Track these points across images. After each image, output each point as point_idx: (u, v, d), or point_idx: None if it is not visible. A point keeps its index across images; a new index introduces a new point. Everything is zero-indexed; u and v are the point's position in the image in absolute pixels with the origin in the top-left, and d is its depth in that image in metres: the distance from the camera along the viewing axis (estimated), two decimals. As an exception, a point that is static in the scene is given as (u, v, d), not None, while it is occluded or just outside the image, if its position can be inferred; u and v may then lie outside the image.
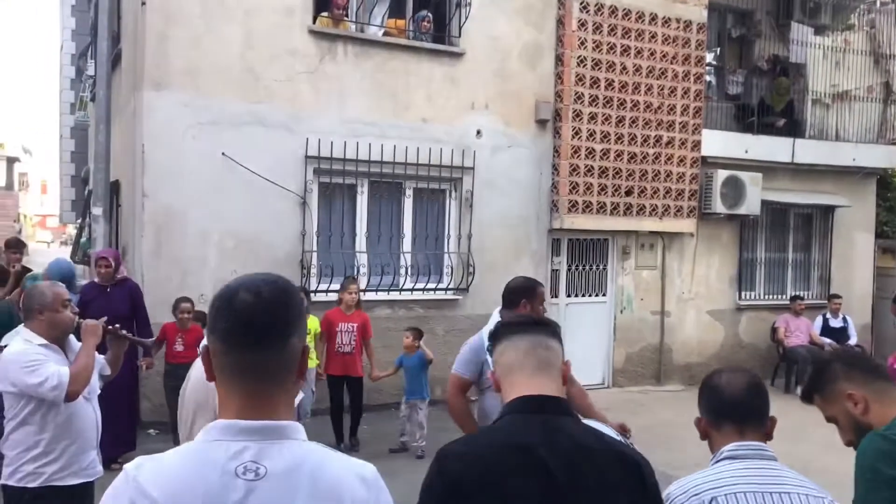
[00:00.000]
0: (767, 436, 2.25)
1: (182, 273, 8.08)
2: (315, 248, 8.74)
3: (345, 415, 7.71)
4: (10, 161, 46.67)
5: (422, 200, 9.45)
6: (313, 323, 7.35)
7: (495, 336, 2.16)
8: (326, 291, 8.69)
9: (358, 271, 9.01)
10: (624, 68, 10.13)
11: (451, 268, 9.49)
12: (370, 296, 9.00)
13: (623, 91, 10.13)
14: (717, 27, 12.12)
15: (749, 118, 11.65)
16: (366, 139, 8.79)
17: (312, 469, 1.42)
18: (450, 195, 9.55)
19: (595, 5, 9.89)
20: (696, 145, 10.74)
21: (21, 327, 3.64)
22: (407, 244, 9.33)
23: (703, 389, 2.36)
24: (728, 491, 2.07)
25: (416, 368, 7.64)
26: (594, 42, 9.91)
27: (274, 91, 8.44)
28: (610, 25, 10.01)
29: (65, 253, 24.69)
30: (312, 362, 7.30)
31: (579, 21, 9.81)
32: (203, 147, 8.11)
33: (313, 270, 8.70)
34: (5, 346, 3.66)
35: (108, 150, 8.50)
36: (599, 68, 9.96)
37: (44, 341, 3.55)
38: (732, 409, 2.24)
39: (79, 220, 15.70)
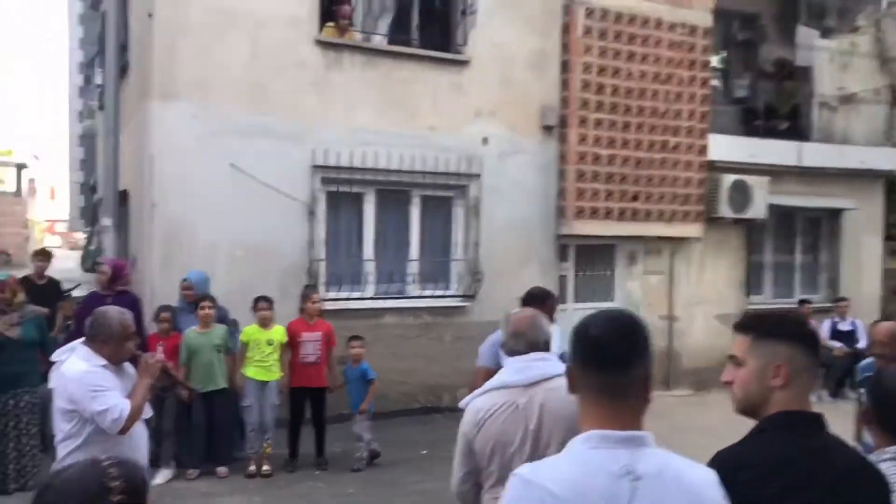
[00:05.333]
0: None
1: (191, 283, 8.11)
2: (323, 256, 8.77)
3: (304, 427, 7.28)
4: (19, 167, 46.88)
5: (428, 208, 9.47)
6: (279, 333, 7.12)
7: (754, 326, 2.09)
8: (335, 300, 8.73)
9: (366, 279, 9.05)
10: (630, 74, 10.13)
11: (459, 275, 9.52)
12: (378, 303, 9.04)
13: (629, 96, 10.14)
14: (722, 31, 12.10)
15: (755, 122, 11.63)
16: (372, 148, 8.82)
17: (676, 471, 1.67)
18: (456, 202, 9.57)
19: (601, 11, 9.90)
20: (703, 150, 10.74)
21: (79, 344, 3.63)
22: (414, 251, 9.36)
23: (879, 395, 2.35)
24: None
25: (357, 380, 7.27)
26: (600, 48, 9.92)
27: (281, 101, 8.48)
28: (615, 31, 10.01)
29: (74, 258, 24.78)
30: (275, 375, 7.04)
31: (585, 27, 9.82)
32: (211, 158, 8.15)
33: (321, 279, 8.74)
34: (57, 362, 3.67)
35: (116, 159, 8.57)
36: (605, 74, 9.97)
37: (104, 361, 3.59)
38: None
39: (88, 228, 15.77)
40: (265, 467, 6.97)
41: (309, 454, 7.26)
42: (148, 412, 3.80)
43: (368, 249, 9.13)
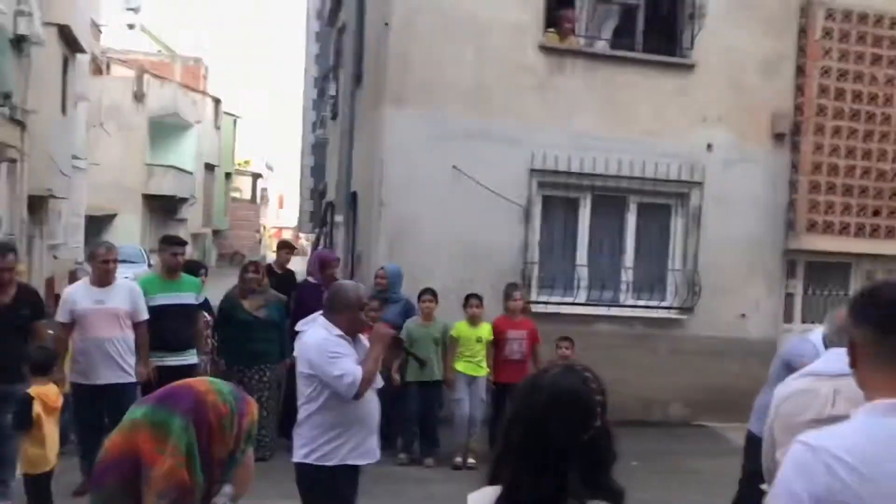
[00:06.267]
0: None
1: (411, 279, 8.41)
2: (537, 259, 8.84)
3: None
4: (255, 176, 51.55)
5: (646, 216, 9.26)
6: (487, 330, 7.19)
7: None
8: (546, 303, 8.76)
9: (578, 285, 9.00)
10: (873, 79, 9.36)
11: (676, 286, 9.21)
12: (591, 310, 8.95)
13: (872, 103, 9.36)
14: None
15: None
16: (591, 153, 8.76)
17: None
18: (675, 211, 9.28)
19: (842, 13, 9.23)
20: (959, 162, 9.67)
21: (319, 316, 3.90)
22: (629, 259, 9.19)
23: None
24: None
25: None
26: (840, 51, 9.26)
27: (503, 106, 8.67)
28: (859, 33, 9.30)
29: (298, 263, 26.70)
30: (483, 371, 7.13)
31: (824, 29, 9.21)
32: (436, 160, 8.49)
33: (534, 282, 8.81)
34: (300, 332, 3.95)
35: (349, 162, 9.16)
36: (846, 79, 9.28)
37: (341, 332, 3.82)
38: None
39: (315, 230, 16.96)
40: (470, 460, 7.11)
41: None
42: (379, 382, 3.99)
43: (582, 255, 9.07)
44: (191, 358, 6.27)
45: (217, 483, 1.40)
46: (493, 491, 1.75)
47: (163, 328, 5.93)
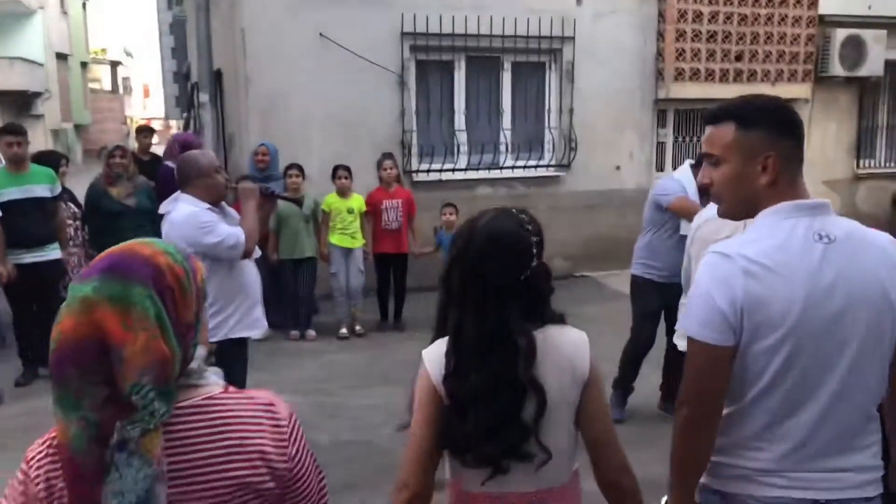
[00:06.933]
0: None
1: (289, 157, 8.17)
2: (414, 127, 8.71)
3: (390, 295, 7.46)
4: (114, 65, 48.11)
5: (521, 74, 9.21)
6: (358, 202, 7.18)
7: None
8: (427, 171, 8.73)
9: (458, 150, 8.97)
10: (734, -79, 9.41)
11: (553, 143, 9.32)
12: (471, 174, 8.99)
13: (733, -53, 9.45)
14: None
15: (874, -30, 10.69)
16: (462, 12, 8.54)
17: (862, 233, 1.80)
18: (549, 68, 9.27)
19: None
20: (813, 3, 10.00)
21: (179, 194, 3.72)
22: (506, 121, 9.19)
23: None
24: None
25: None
26: None
27: (367, -34, 8.27)
28: None
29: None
30: (359, 242, 7.16)
31: None
32: (301, 28, 8.08)
33: (414, 150, 8.72)
34: (165, 213, 3.75)
35: (208, 37, 8.59)
36: (707, -77, 9.29)
37: (207, 205, 3.66)
38: None
39: (184, 115, 16.10)
40: (358, 328, 7.23)
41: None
42: (257, 252, 3.90)
43: (460, 119, 9.01)
44: (52, 253, 5.93)
45: (190, 348, 1.32)
46: (444, 342, 1.84)
47: (15, 224, 5.56)
